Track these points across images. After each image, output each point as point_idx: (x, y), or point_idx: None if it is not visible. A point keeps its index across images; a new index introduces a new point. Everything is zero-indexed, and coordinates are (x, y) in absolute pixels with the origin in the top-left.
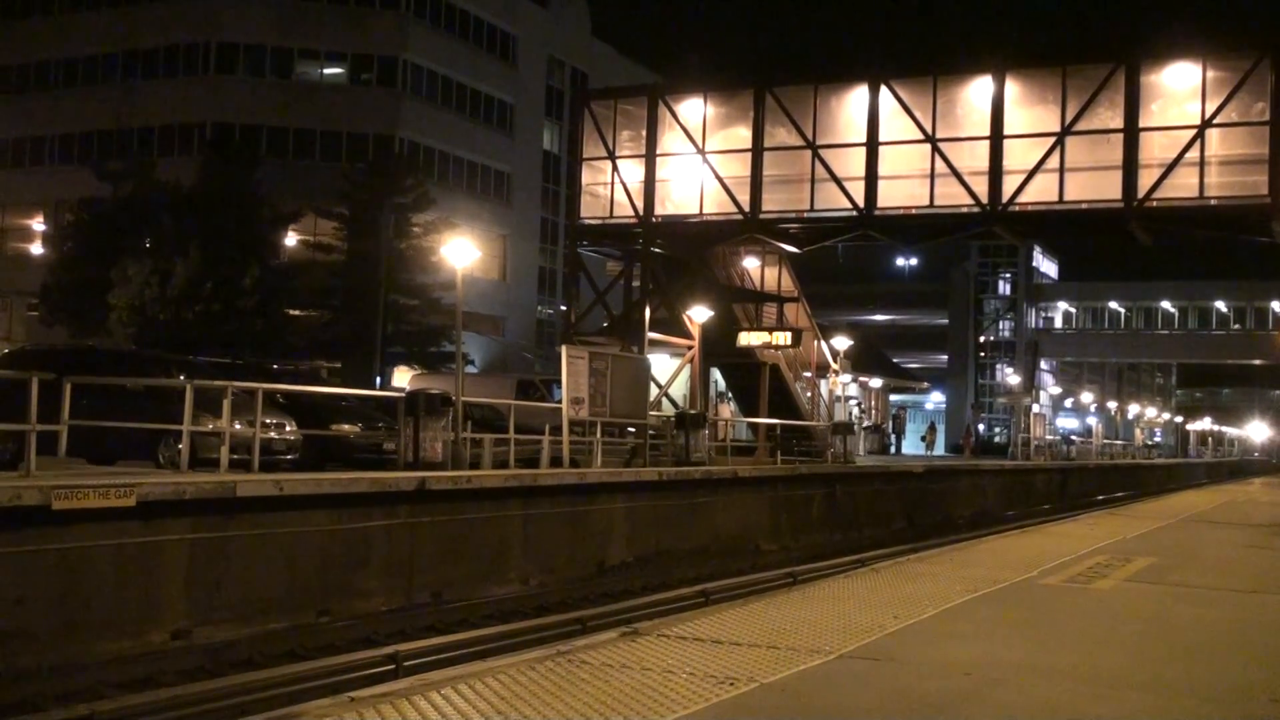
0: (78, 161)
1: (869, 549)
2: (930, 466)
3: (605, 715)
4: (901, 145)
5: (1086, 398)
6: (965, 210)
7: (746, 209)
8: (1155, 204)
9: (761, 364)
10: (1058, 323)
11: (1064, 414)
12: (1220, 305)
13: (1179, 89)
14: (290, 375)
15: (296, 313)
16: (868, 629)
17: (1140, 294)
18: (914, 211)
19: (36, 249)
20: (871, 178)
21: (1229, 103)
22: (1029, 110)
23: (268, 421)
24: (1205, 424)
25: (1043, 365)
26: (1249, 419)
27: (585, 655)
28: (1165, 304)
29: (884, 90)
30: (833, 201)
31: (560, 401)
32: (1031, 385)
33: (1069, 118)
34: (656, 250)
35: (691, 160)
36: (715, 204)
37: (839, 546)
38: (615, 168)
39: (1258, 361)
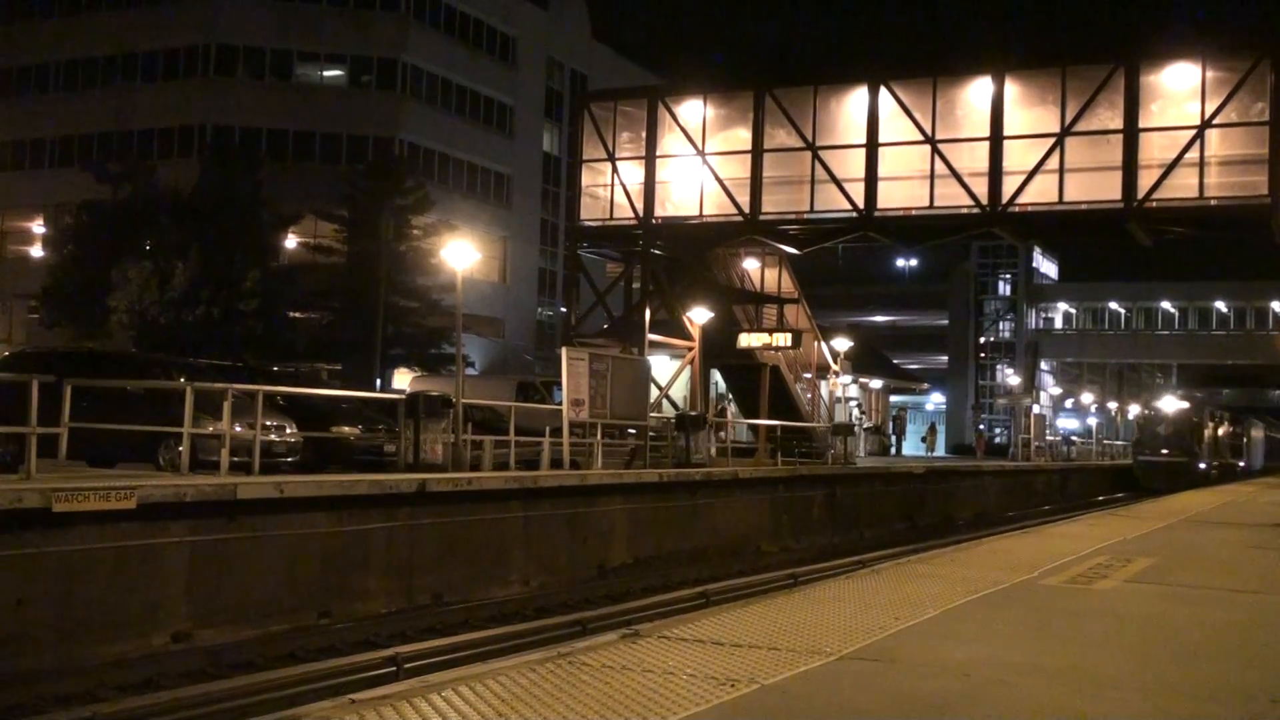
0: (77, 164)
1: (870, 550)
2: (930, 468)
3: (606, 717)
4: (901, 146)
5: (1087, 398)
6: (965, 211)
7: (746, 210)
8: (1155, 204)
9: (762, 365)
10: (1058, 323)
11: (1064, 414)
12: (1220, 306)
13: (1178, 89)
14: (290, 377)
15: (297, 315)
16: (869, 630)
17: (1140, 294)
18: (914, 213)
19: (36, 251)
20: (871, 179)
21: (1228, 103)
22: (1028, 111)
23: (268, 424)
24: None
25: (1043, 366)
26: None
27: (586, 657)
28: (1165, 304)
29: (883, 91)
30: (833, 203)
31: (560, 403)
32: (1032, 386)
33: (1068, 118)
34: (656, 252)
35: (691, 162)
36: (715, 205)
37: (840, 548)
38: (615, 169)
39: (1258, 362)
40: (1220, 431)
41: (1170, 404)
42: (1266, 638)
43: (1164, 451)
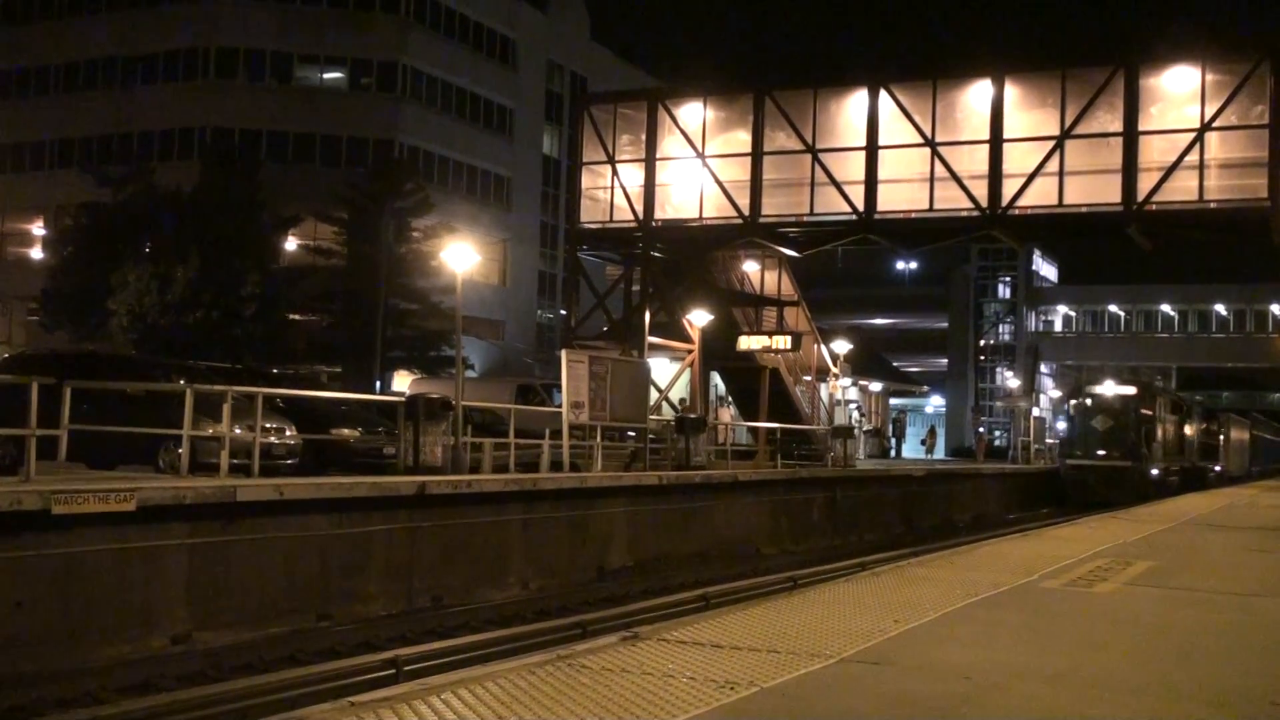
0: (77, 166)
1: (869, 553)
2: (930, 470)
3: None
4: (901, 149)
5: None
6: (965, 214)
7: (746, 213)
8: (1155, 207)
9: (761, 368)
10: (1057, 326)
11: (1064, 417)
12: (1220, 308)
13: (1178, 92)
14: (290, 379)
15: (297, 317)
16: (868, 633)
17: (1140, 297)
18: (913, 215)
19: (36, 254)
20: (871, 182)
21: (1228, 106)
22: (1028, 114)
23: (268, 426)
24: None
25: (1042, 368)
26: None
27: (585, 659)
28: (1165, 307)
29: (883, 94)
30: (832, 205)
31: (560, 406)
32: (1031, 388)
33: (1068, 121)
34: (656, 254)
35: (691, 164)
36: (715, 208)
37: (839, 550)
38: (615, 172)
39: (1258, 365)
40: (1187, 429)
41: (1110, 389)
42: (1266, 641)
43: (1100, 453)
